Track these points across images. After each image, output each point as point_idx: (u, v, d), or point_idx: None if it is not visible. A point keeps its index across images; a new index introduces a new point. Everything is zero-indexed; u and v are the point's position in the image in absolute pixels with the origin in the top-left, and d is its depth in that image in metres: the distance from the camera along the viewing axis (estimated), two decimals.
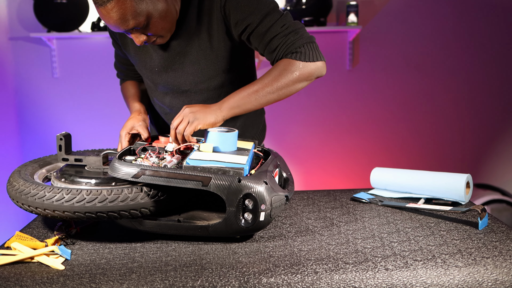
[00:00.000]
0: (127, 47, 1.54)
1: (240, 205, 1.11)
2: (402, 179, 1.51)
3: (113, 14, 1.24)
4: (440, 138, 3.63)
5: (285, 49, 1.33)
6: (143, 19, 1.27)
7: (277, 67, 1.32)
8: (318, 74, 1.35)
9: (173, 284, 0.98)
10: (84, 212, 1.10)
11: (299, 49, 1.31)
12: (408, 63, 3.53)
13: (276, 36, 1.33)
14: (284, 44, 1.32)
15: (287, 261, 1.06)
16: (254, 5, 1.34)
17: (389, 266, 1.03)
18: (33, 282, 0.99)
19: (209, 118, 1.29)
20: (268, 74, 1.33)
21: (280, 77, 1.31)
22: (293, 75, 1.31)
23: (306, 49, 1.31)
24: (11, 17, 3.36)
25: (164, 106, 1.59)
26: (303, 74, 1.32)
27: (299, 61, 1.31)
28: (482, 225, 1.24)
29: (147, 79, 1.57)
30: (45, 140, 3.46)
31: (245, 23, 1.35)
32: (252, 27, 1.34)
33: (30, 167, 1.35)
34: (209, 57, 1.44)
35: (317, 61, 1.33)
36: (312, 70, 1.33)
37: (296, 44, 1.32)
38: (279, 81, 1.31)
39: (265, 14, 1.34)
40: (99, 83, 3.44)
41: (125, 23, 1.26)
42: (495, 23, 3.52)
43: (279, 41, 1.33)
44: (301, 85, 1.34)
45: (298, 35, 1.32)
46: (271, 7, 1.35)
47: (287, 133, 3.56)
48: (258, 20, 1.33)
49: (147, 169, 1.13)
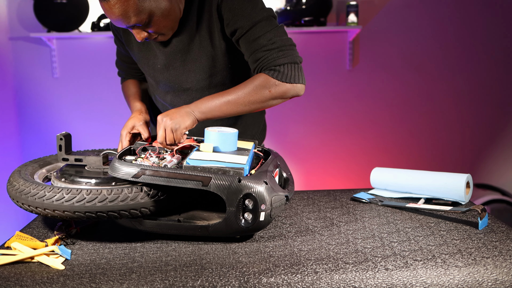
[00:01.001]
0: (130, 44, 1.54)
1: (240, 205, 1.11)
2: (402, 179, 1.51)
3: (115, 10, 1.25)
4: (440, 138, 3.63)
5: (265, 64, 1.33)
6: (145, 16, 1.28)
7: (253, 81, 1.33)
8: (294, 94, 1.34)
9: (173, 284, 0.98)
10: (84, 211, 1.10)
11: (278, 67, 1.32)
12: (408, 63, 3.53)
13: (260, 49, 1.33)
14: (265, 59, 1.33)
15: (287, 261, 1.06)
16: (248, 10, 1.34)
17: (389, 266, 1.03)
18: (33, 282, 0.99)
19: (187, 120, 1.30)
20: (244, 86, 1.33)
21: (254, 92, 1.32)
22: (266, 92, 1.32)
23: (285, 69, 1.32)
24: (11, 17, 3.36)
25: (166, 104, 1.60)
26: (277, 92, 1.32)
27: (275, 80, 1.31)
28: (482, 225, 1.24)
29: (149, 77, 1.58)
30: (45, 140, 3.46)
31: (234, 26, 1.35)
32: (241, 33, 1.35)
33: (30, 167, 1.35)
34: (210, 54, 1.44)
35: (294, 83, 1.33)
36: (287, 90, 1.33)
37: (277, 62, 1.32)
38: (252, 96, 1.32)
39: (256, 22, 1.34)
40: (99, 83, 3.44)
41: (127, 20, 1.27)
42: (495, 23, 3.52)
43: (261, 54, 1.33)
44: (275, 102, 1.35)
45: (282, 53, 1.32)
46: (264, 15, 1.35)
47: (287, 133, 3.56)
48: (248, 27, 1.34)
49: (147, 169, 1.13)
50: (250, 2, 1.35)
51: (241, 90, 1.33)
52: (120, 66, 1.72)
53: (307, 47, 3.46)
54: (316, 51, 3.47)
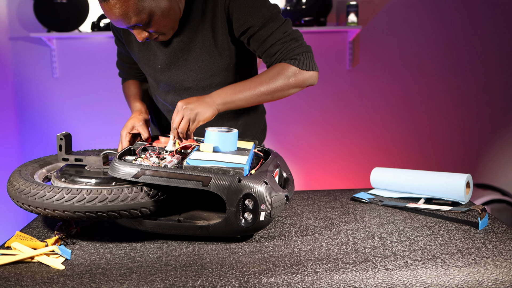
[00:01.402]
0: (131, 44, 1.54)
1: (240, 205, 1.11)
2: (402, 179, 1.51)
3: (115, 10, 1.25)
4: (440, 138, 3.63)
5: (285, 55, 1.37)
6: (145, 16, 1.29)
7: (274, 69, 1.36)
8: (311, 83, 1.40)
9: (173, 284, 0.98)
10: (84, 211, 1.10)
11: (298, 56, 1.36)
12: (408, 63, 3.53)
13: (277, 42, 1.37)
14: (284, 50, 1.37)
15: (287, 261, 1.06)
16: (257, 7, 1.37)
17: (389, 266, 1.03)
18: (33, 282, 0.99)
19: (207, 112, 1.30)
20: (265, 74, 1.36)
21: (276, 79, 1.35)
22: (289, 80, 1.35)
23: (304, 57, 1.36)
24: (11, 17, 3.36)
25: (167, 104, 1.60)
26: (298, 80, 1.36)
27: (296, 68, 1.35)
28: (482, 225, 1.24)
29: (150, 77, 1.58)
30: (45, 140, 3.46)
31: (246, 25, 1.37)
32: (253, 30, 1.37)
33: (30, 167, 1.35)
34: (212, 54, 1.45)
35: (312, 70, 1.38)
36: (306, 78, 1.38)
37: (295, 51, 1.36)
38: (274, 83, 1.34)
39: (267, 18, 1.37)
40: (99, 83, 3.44)
41: (127, 20, 1.27)
42: (495, 23, 3.52)
43: (279, 46, 1.37)
44: (294, 91, 1.39)
45: (298, 43, 1.37)
46: (274, 12, 1.38)
47: (287, 133, 3.56)
48: (260, 24, 1.36)
49: (147, 169, 1.13)
50: (258, 0, 1.38)
51: (263, 77, 1.35)
52: (121, 66, 1.72)
53: None
54: (316, 51, 3.43)
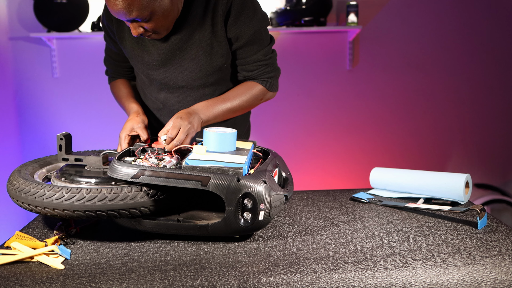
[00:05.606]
0: (124, 41, 1.54)
1: (239, 205, 1.11)
2: (402, 179, 1.51)
3: (118, 2, 1.26)
4: (440, 138, 3.62)
5: (260, 75, 1.53)
6: (147, 13, 1.30)
7: (251, 91, 1.52)
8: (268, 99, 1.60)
9: (173, 283, 0.99)
10: (83, 210, 1.10)
11: (269, 79, 1.54)
12: (408, 63, 3.53)
13: (257, 62, 1.51)
14: (260, 71, 1.52)
15: (287, 261, 1.07)
16: (250, 17, 1.45)
17: (388, 266, 1.03)
18: (33, 282, 0.99)
19: (198, 127, 1.41)
20: (242, 94, 1.51)
21: (251, 100, 1.53)
22: (258, 101, 1.56)
23: (273, 81, 1.55)
24: (11, 17, 3.36)
25: (158, 102, 1.60)
26: (265, 99, 1.58)
27: (266, 90, 1.55)
28: (481, 225, 1.24)
29: (142, 74, 1.58)
30: (45, 140, 3.46)
31: (236, 33, 1.46)
32: (241, 42, 1.47)
33: (30, 167, 1.35)
34: (208, 54, 1.46)
35: (274, 91, 1.59)
36: (269, 97, 1.59)
37: (269, 74, 1.54)
38: (249, 103, 1.53)
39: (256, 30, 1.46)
40: (99, 83, 3.43)
41: (129, 13, 1.28)
42: (495, 23, 3.52)
43: (257, 67, 1.52)
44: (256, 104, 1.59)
45: (273, 67, 1.54)
46: (263, 25, 1.48)
47: (287, 133, 3.56)
48: (248, 36, 1.46)
49: (147, 170, 1.13)
50: (252, 10, 1.45)
51: (240, 98, 1.51)
52: (109, 64, 1.70)
53: (307, 47, 3.46)
54: (316, 51, 3.47)
